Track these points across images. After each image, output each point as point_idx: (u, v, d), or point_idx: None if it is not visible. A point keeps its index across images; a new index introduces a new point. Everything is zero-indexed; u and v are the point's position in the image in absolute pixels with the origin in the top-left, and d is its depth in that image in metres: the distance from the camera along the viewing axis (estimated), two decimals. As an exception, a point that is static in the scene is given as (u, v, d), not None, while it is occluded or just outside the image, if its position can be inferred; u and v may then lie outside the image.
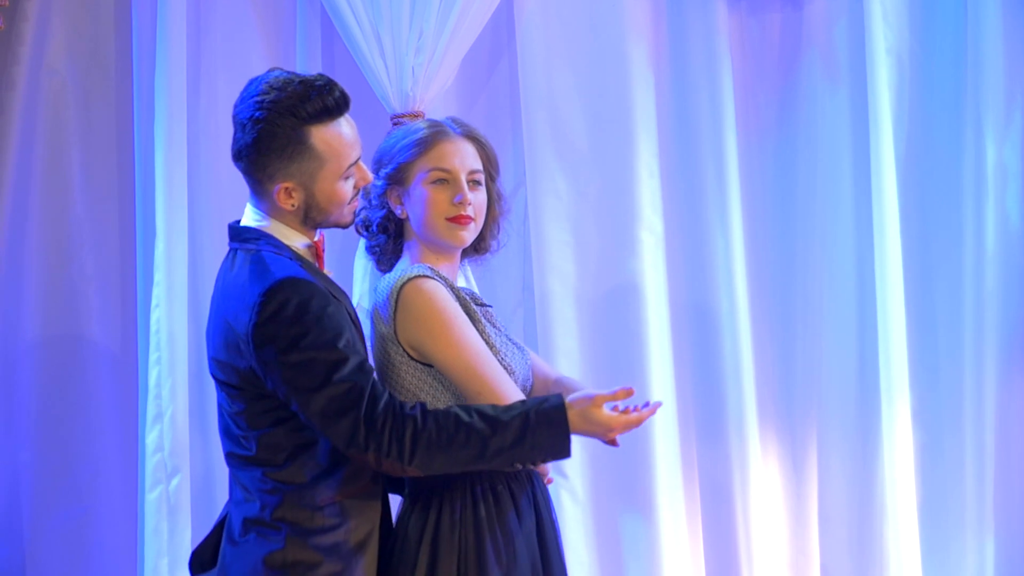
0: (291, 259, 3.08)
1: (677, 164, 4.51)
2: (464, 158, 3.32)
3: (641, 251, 4.42)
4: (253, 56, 4.43)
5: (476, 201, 3.33)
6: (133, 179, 4.36)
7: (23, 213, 4.41)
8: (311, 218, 3.14)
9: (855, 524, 4.48)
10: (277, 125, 3.04)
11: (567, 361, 4.39)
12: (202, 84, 4.38)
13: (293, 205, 3.11)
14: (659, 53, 4.49)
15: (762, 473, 4.46)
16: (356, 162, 3.14)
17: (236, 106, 3.10)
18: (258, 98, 3.05)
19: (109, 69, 4.44)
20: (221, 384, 3.13)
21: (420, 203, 3.31)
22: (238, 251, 3.14)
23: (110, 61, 4.44)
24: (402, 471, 3.06)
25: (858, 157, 4.48)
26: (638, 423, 3.14)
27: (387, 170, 3.34)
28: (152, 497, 4.21)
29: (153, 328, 4.23)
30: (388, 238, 3.41)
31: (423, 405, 3.06)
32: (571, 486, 4.39)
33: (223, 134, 4.37)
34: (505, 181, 3.61)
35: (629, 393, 3.12)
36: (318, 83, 3.07)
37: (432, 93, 4.22)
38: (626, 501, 4.34)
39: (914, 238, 4.49)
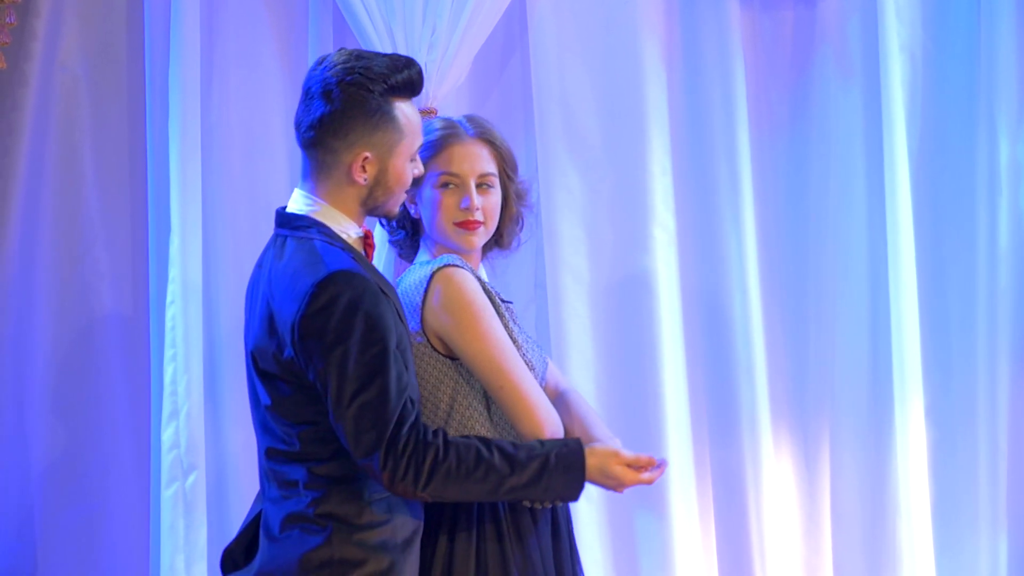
0: (344, 250, 3.03)
1: (689, 161, 4.50)
2: (474, 162, 3.32)
3: (653, 248, 4.41)
4: (265, 52, 4.41)
5: (486, 204, 3.32)
6: (145, 175, 4.35)
7: (35, 210, 4.39)
8: (373, 198, 3.10)
9: (868, 522, 4.47)
10: (368, 90, 3.03)
11: (579, 357, 4.38)
12: (214, 81, 4.36)
13: (365, 179, 3.07)
14: (672, 50, 4.49)
15: (775, 471, 4.45)
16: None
17: (311, 79, 3.06)
18: (346, 65, 3.03)
19: (121, 65, 4.42)
20: (261, 375, 3.07)
21: (430, 206, 3.33)
22: (288, 239, 3.08)
23: (122, 57, 4.42)
24: (412, 495, 3.01)
25: (871, 154, 4.47)
26: (649, 482, 3.17)
27: None
28: (168, 494, 4.19)
29: (168, 325, 4.21)
30: (406, 235, 3.43)
31: (445, 434, 3.01)
32: (584, 484, 4.38)
33: (236, 130, 4.38)
34: (518, 178, 3.62)
35: (652, 463, 3.16)
36: (402, 58, 3.09)
37: (445, 90, 4.21)
38: (639, 499, 4.32)
39: (927, 235, 4.48)
